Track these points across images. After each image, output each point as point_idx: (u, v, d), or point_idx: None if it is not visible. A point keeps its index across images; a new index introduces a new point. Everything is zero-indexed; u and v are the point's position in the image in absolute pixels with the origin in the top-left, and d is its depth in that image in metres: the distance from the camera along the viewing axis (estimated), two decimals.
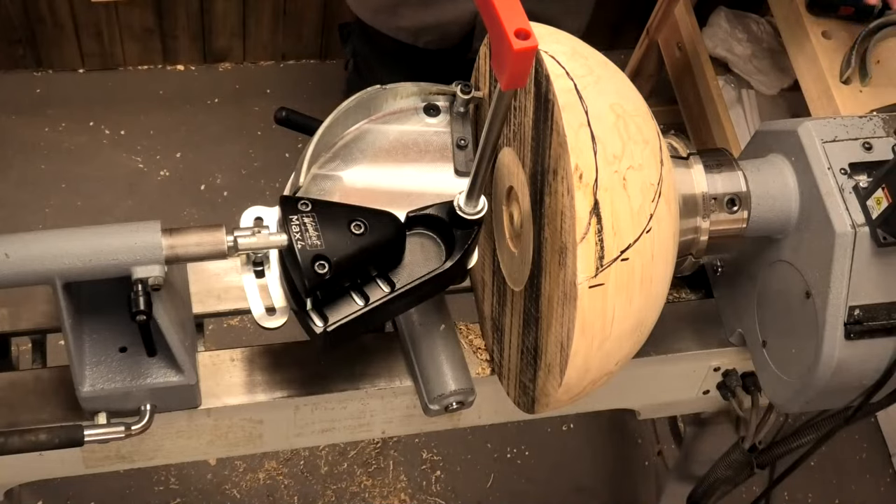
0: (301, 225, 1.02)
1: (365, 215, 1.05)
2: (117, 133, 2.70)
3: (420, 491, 2.32)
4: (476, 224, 1.06)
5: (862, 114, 1.17)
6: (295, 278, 1.02)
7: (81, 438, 1.09)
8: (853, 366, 1.11)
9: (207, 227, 1.01)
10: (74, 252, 0.97)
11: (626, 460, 2.42)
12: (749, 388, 1.37)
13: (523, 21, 0.82)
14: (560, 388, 1.03)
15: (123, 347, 1.11)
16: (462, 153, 1.19)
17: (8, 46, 2.67)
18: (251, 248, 1.02)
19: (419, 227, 1.09)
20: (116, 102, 2.73)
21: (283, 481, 2.29)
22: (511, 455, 2.39)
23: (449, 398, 1.19)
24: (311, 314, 1.04)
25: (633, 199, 0.96)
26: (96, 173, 2.62)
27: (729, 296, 1.31)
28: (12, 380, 1.21)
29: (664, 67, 2.64)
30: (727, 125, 2.34)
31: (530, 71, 0.87)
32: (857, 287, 1.09)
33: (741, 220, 1.15)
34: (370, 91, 1.19)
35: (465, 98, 1.20)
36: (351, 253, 1.02)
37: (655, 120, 1.03)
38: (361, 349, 1.27)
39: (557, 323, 1.00)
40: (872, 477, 2.51)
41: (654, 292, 1.00)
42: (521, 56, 0.81)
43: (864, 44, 1.96)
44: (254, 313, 1.08)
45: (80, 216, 2.52)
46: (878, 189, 1.06)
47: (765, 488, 1.45)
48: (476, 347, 1.28)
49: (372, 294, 1.06)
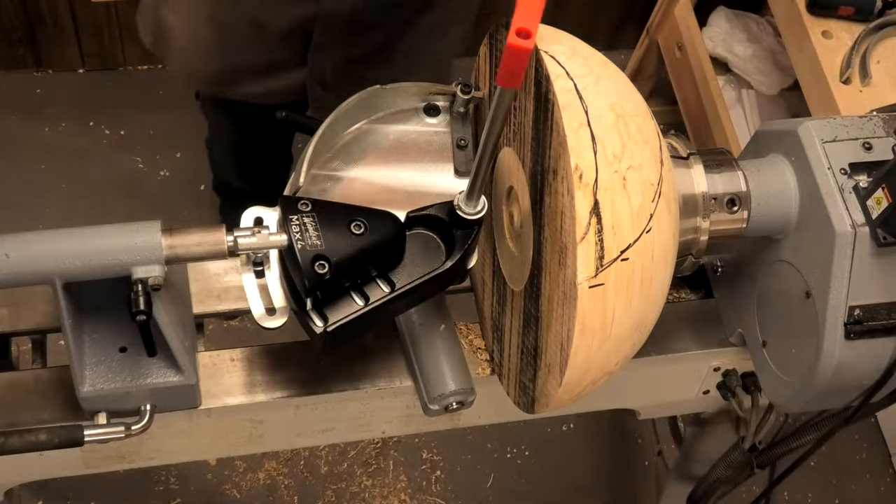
0: (301, 225, 1.02)
1: (365, 215, 1.05)
2: (117, 133, 2.70)
3: (420, 491, 2.32)
4: (476, 224, 1.06)
5: (862, 114, 1.17)
6: (295, 278, 1.02)
7: (81, 438, 1.09)
8: (853, 366, 1.11)
9: (207, 228, 1.01)
10: (74, 252, 0.97)
11: (626, 460, 2.42)
12: (749, 388, 1.37)
13: (533, 23, 0.82)
14: (560, 388, 1.03)
15: (123, 347, 1.11)
16: (462, 153, 1.19)
17: (8, 46, 2.67)
18: (251, 249, 1.02)
19: (419, 227, 1.09)
20: (116, 102, 2.73)
21: (283, 481, 2.29)
22: (511, 455, 2.39)
23: (449, 398, 1.19)
24: (311, 314, 1.04)
25: (633, 199, 0.96)
26: (96, 173, 2.62)
27: (729, 296, 1.31)
28: (12, 380, 1.21)
29: (664, 67, 2.64)
30: (727, 125, 2.34)
31: (524, 73, 0.87)
32: (857, 287, 1.09)
33: (741, 220, 1.15)
34: (370, 91, 1.19)
35: (465, 98, 1.20)
36: (351, 253, 1.02)
37: (655, 120, 1.03)
38: (361, 349, 1.27)
39: (557, 323, 1.00)
40: (872, 477, 2.51)
41: (654, 292, 1.00)
42: (514, 52, 0.81)
43: (864, 44, 1.96)
44: (254, 313, 1.08)
45: (80, 216, 2.52)
46: (878, 189, 1.06)
47: (765, 488, 1.45)
48: (476, 347, 1.28)
49: (372, 294, 1.06)
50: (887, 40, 1.98)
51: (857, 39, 1.95)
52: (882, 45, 1.98)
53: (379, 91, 1.19)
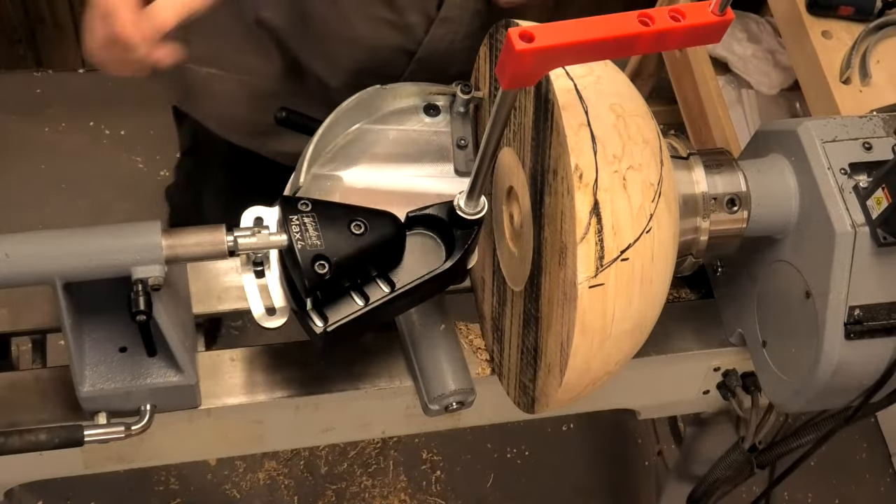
0: (301, 225, 1.02)
1: (365, 215, 1.05)
2: (117, 133, 2.70)
3: (420, 491, 2.32)
4: (476, 224, 1.06)
5: (862, 114, 1.17)
6: (295, 278, 1.02)
7: (81, 438, 1.09)
8: (853, 366, 1.11)
9: (207, 228, 1.01)
10: (74, 252, 0.97)
11: (626, 460, 2.42)
12: (749, 388, 1.37)
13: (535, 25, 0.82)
14: (560, 388, 1.03)
15: (123, 347, 1.11)
16: (462, 153, 1.19)
17: (8, 46, 2.67)
18: (251, 249, 1.02)
19: (419, 227, 1.09)
20: (116, 102, 2.73)
21: (283, 481, 2.29)
22: (511, 455, 2.39)
23: (449, 398, 1.19)
24: (311, 314, 1.04)
25: (633, 199, 0.96)
26: (96, 173, 2.62)
27: (729, 296, 1.31)
28: (12, 380, 1.21)
29: (664, 67, 2.64)
30: (727, 125, 2.34)
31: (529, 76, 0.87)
32: (857, 287, 1.09)
33: (741, 220, 1.15)
34: (370, 91, 1.19)
35: (465, 98, 1.20)
36: (351, 253, 1.02)
37: (655, 120, 1.03)
38: (361, 349, 1.27)
39: (557, 323, 1.00)
40: (872, 477, 2.51)
41: (654, 292, 1.00)
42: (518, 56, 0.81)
43: (864, 44, 1.96)
44: (254, 313, 1.08)
45: (80, 216, 2.52)
46: (878, 189, 1.06)
47: (765, 488, 1.45)
48: (476, 347, 1.28)
49: (372, 294, 1.06)
50: (887, 40, 1.98)
51: (857, 39, 1.95)
52: (882, 45, 1.97)
53: (379, 91, 1.19)
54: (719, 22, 0.87)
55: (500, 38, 1.13)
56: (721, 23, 0.87)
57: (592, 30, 0.83)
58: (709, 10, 0.87)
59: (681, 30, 0.86)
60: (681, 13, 0.86)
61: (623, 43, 0.85)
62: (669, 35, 0.86)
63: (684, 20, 0.85)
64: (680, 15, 0.86)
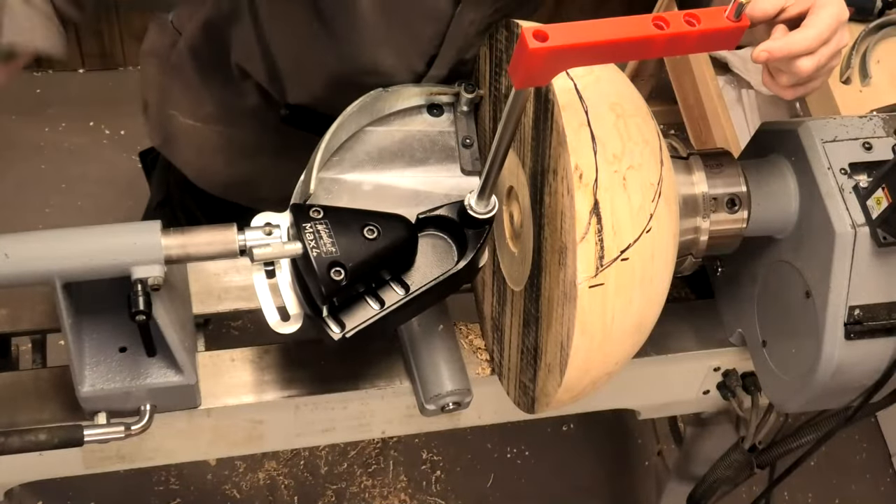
0: (315, 232, 1.02)
1: (377, 219, 1.04)
2: (117, 133, 2.70)
3: (420, 491, 2.31)
4: (488, 223, 1.06)
5: (862, 114, 1.17)
6: (311, 286, 1.02)
7: (81, 438, 1.09)
8: (853, 366, 1.11)
9: (219, 227, 1.01)
10: (74, 252, 0.97)
11: (626, 460, 2.42)
12: (749, 388, 1.37)
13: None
14: (560, 388, 1.03)
15: (123, 347, 1.11)
16: (468, 152, 1.19)
17: None
18: (267, 258, 1.01)
19: (430, 229, 1.09)
20: (116, 102, 2.73)
21: (283, 481, 2.28)
22: (511, 455, 2.39)
23: (445, 398, 1.19)
24: (328, 320, 1.03)
25: (633, 199, 0.96)
26: (96, 173, 2.62)
27: (729, 296, 1.31)
28: (12, 380, 1.21)
29: (664, 67, 2.64)
30: (727, 125, 2.34)
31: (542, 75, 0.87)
32: (857, 287, 1.09)
33: (741, 220, 1.15)
34: (373, 94, 1.19)
35: (469, 97, 1.20)
36: (365, 258, 1.02)
37: (655, 120, 1.03)
38: (361, 349, 1.27)
39: (557, 323, 1.00)
40: (872, 477, 2.50)
41: (654, 292, 1.00)
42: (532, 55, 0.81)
43: (864, 44, 1.96)
44: (268, 320, 1.06)
45: (80, 216, 2.51)
46: (878, 189, 1.06)
47: (765, 488, 1.45)
48: (476, 347, 1.28)
49: (387, 298, 1.05)
50: (887, 40, 1.98)
51: (857, 39, 1.95)
52: (882, 45, 1.97)
53: (381, 94, 1.19)
54: (734, 28, 0.87)
55: (500, 38, 1.13)
56: (736, 28, 0.87)
57: (606, 31, 0.83)
58: (724, 16, 0.86)
59: (695, 34, 0.85)
60: (696, 18, 0.85)
61: (637, 46, 0.84)
62: (684, 39, 0.85)
63: (699, 25, 0.85)
64: (695, 20, 0.85)
